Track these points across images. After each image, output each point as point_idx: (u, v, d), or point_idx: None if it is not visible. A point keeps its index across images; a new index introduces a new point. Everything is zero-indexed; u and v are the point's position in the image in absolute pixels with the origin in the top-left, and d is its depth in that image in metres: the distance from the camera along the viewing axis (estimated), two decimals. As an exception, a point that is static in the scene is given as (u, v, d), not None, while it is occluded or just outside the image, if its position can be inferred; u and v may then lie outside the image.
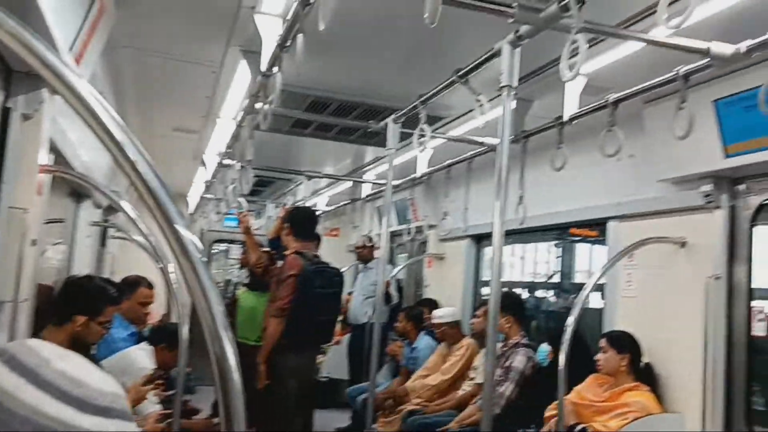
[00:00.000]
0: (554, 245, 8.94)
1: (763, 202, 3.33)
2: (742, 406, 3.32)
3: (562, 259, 8.94)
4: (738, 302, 3.37)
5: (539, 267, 9.77)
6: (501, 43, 2.50)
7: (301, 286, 4.03)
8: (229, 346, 0.94)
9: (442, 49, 3.28)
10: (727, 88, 3.10)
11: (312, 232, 4.46)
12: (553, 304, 7.93)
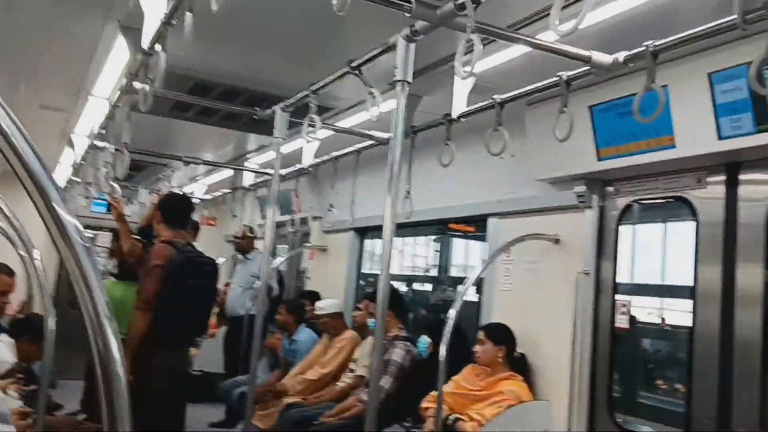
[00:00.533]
0: (433, 240, 9.18)
1: (629, 203, 3.58)
2: (605, 394, 3.56)
3: (440, 254, 9.21)
4: (604, 296, 3.61)
5: (417, 260, 10.00)
6: (396, 38, 2.50)
7: (169, 276, 3.78)
8: (113, 338, 0.88)
9: (335, 40, 3.25)
10: (602, 95, 3.31)
11: (185, 221, 4.22)
12: (431, 297, 8.15)
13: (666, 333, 5.34)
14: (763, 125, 2.73)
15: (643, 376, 4.92)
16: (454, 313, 3.39)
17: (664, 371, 5.44)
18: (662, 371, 5.47)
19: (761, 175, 2.99)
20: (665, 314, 5.43)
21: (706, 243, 3.18)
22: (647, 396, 4.66)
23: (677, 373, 4.98)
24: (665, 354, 5.58)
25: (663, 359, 5.60)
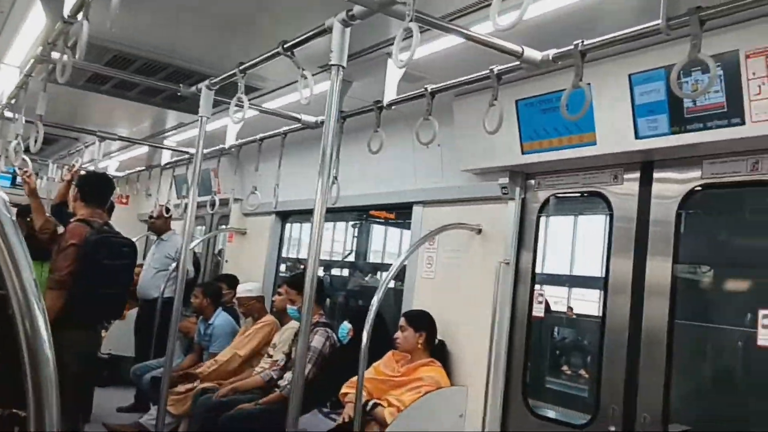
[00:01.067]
0: (352, 225, 9.18)
1: (550, 196, 3.70)
2: (520, 380, 3.68)
3: (359, 240, 9.23)
4: (523, 286, 3.72)
5: (335, 246, 9.97)
6: (332, 21, 2.47)
7: (84, 256, 3.67)
8: (41, 319, 0.83)
9: (268, 19, 3.17)
10: (528, 90, 3.39)
11: (104, 199, 4.08)
12: (349, 283, 8.16)
13: (573, 322, 5.58)
14: (677, 127, 2.88)
15: (551, 362, 5.12)
16: (377, 300, 3.40)
17: (570, 358, 5.70)
18: (568, 358, 5.72)
19: (673, 174, 3.15)
20: (574, 304, 5.67)
21: (620, 237, 3.33)
22: (552, 381, 4.85)
23: (582, 360, 5.22)
24: (571, 342, 5.84)
25: (569, 347, 5.85)
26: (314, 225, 2.37)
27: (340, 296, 7.77)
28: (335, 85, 2.38)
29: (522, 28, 2.69)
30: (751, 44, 2.53)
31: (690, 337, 3.30)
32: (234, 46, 3.48)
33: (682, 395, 3.21)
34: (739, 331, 3.25)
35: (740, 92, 2.61)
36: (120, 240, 3.99)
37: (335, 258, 9.33)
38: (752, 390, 3.21)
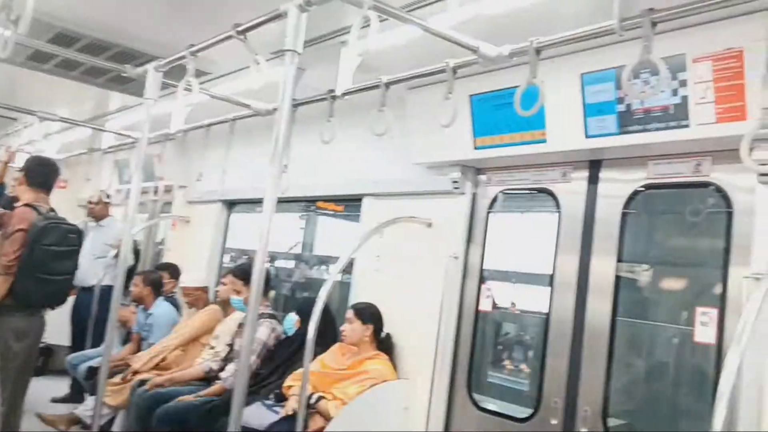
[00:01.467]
0: (299, 217, 9.07)
1: (500, 192, 3.73)
2: (465, 374, 3.71)
3: (306, 231, 9.14)
4: (471, 281, 3.75)
5: (281, 237, 9.83)
6: (288, 5, 2.41)
7: (32, 242, 3.62)
8: None
9: (220, 1, 3.08)
10: (482, 86, 3.40)
11: (49, 184, 3.99)
12: (294, 275, 8.08)
13: (516, 317, 5.66)
14: (625, 127, 2.93)
15: (493, 357, 5.19)
16: (324, 292, 3.36)
17: (512, 353, 5.77)
18: (510, 353, 5.79)
19: (619, 174, 3.22)
20: (518, 300, 5.75)
21: (566, 234, 3.38)
22: (494, 375, 4.91)
23: (523, 355, 5.30)
24: (514, 337, 5.91)
25: (512, 342, 5.93)
26: (264, 214, 2.31)
27: (285, 288, 7.68)
28: (290, 71, 2.32)
29: (478, 23, 2.72)
30: (698, 49, 2.60)
31: (630, 333, 3.38)
32: (185, 27, 3.37)
33: (621, 390, 3.29)
34: (675, 328, 3.35)
35: (686, 95, 2.67)
36: (66, 226, 3.91)
37: (281, 249, 9.22)
38: (686, 385, 3.31)
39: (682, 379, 3.32)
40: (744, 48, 2.48)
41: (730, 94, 2.55)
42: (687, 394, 3.23)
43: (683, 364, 3.26)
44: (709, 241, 3.08)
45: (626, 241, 3.19)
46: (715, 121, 2.60)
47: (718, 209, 2.91)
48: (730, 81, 2.54)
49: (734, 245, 2.76)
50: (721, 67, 2.56)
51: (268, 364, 4.31)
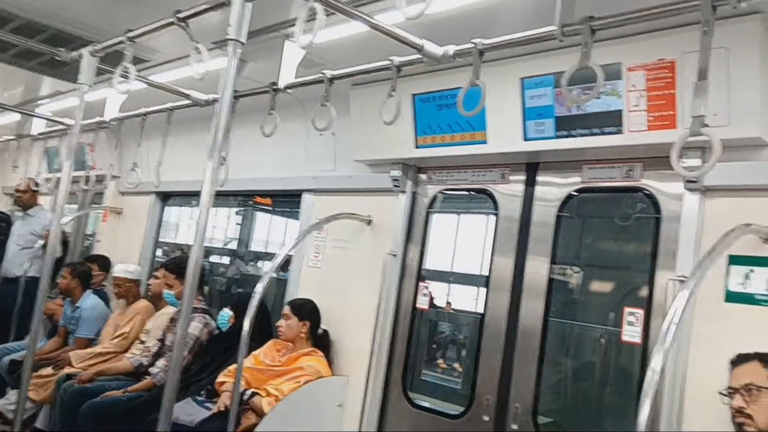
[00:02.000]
0: (236, 212, 8.93)
1: (440, 191, 3.76)
2: (400, 372, 3.72)
3: (242, 226, 9.00)
4: (409, 279, 3.77)
5: (216, 232, 9.66)
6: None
7: None
8: None
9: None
10: (425, 85, 3.42)
11: None
12: (229, 270, 7.94)
13: (451, 317, 5.73)
14: (562, 132, 3.01)
15: (428, 355, 5.24)
16: (261, 288, 3.31)
17: (446, 352, 5.84)
18: (444, 352, 5.86)
19: (555, 178, 3.30)
20: (453, 299, 5.82)
21: (503, 235, 3.44)
22: (428, 373, 4.96)
23: (457, 354, 5.38)
24: (449, 336, 5.99)
25: (446, 341, 6.00)
26: (201, 208, 2.25)
27: (219, 283, 7.54)
28: (232, 62, 2.27)
29: (424, 22, 2.70)
30: (632, 58, 2.69)
31: (561, 333, 3.48)
32: (123, 11, 3.25)
33: (552, 388, 3.37)
34: (603, 328, 3.46)
35: (620, 103, 2.76)
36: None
37: (216, 244, 9.06)
38: (613, 383, 3.42)
39: (609, 378, 3.43)
40: (676, 59, 2.58)
41: (662, 103, 2.65)
42: (614, 392, 3.34)
43: (611, 363, 3.36)
44: (638, 245, 3.18)
45: (560, 244, 3.27)
46: (646, 129, 2.70)
47: (647, 214, 3.01)
48: (662, 90, 2.64)
49: (661, 249, 2.87)
50: (654, 76, 2.66)
51: (200, 359, 4.23)
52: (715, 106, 2.45)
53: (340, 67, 3.17)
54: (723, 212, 2.59)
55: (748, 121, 2.44)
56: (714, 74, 2.37)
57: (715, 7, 1.88)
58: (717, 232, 2.31)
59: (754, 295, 2.47)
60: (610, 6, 2.17)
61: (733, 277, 2.54)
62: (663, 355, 1.88)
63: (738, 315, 2.49)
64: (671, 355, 2.58)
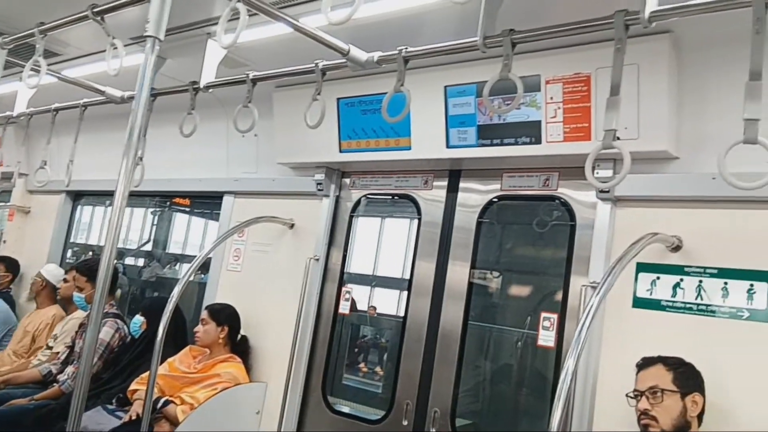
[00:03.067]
0: (152, 212, 8.64)
1: (364, 196, 3.77)
2: (320, 377, 3.70)
3: (158, 228, 8.71)
4: (331, 283, 3.75)
5: (131, 233, 9.32)
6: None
7: None
8: None
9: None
10: (350, 90, 3.42)
11: None
12: (146, 273, 7.68)
13: (374, 321, 5.75)
14: (483, 140, 3.07)
15: (350, 360, 5.23)
16: (177, 292, 3.21)
17: (368, 356, 5.85)
18: (366, 356, 5.87)
19: (476, 185, 3.36)
20: (377, 303, 5.84)
21: (425, 240, 3.48)
22: (349, 378, 4.95)
23: (378, 358, 5.39)
24: (371, 340, 6.00)
25: (369, 345, 6.01)
26: (115, 208, 2.17)
27: (134, 287, 7.28)
28: (149, 58, 2.19)
29: (350, 27, 2.70)
30: (551, 71, 2.77)
31: (480, 337, 3.54)
32: (36, 2, 3.09)
33: (470, 391, 3.43)
34: (520, 332, 3.55)
35: (539, 114, 2.84)
36: None
37: (131, 246, 8.75)
38: (529, 386, 3.51)
39: (526, 380, 3.51)
40: (591, 73, 2.68)
41: (578, 116, 2.75)
42: (529, 395, 3.42)
43: (527, 366, 3.45)
44: (555, 251, 3.28)
45: (480, 249, 3.33)
46: (563, 140, 2.79)
47: (563, 222, 3.11)
48: (578, 103, 2.74)
49: (575, 256, 2.97)
50: (570, 89, 2.75)
51: (112, 367, 4.07)
52: (627, 120, 2.58)
53: (264, 68, 3.12)
54: (632, 221, 2.71)
55: (657, 135, 2.56)
56: (626, 89, 2.49)
57: (627, 26, 1.96)
58: (627, 240, 2.40)
59: (659, 301, 2.60)
60: (532, 20, 2.23)
61: (640, 284, 2.65)
62: (574, 359, 1.94)
63: (644, 320, 2.61)
64: (583, 359, 2.68)
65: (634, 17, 1.92)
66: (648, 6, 1.89)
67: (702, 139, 2.56)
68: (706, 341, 2.44)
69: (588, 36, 2.35)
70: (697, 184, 2.53)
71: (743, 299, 2.41)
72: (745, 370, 2.34)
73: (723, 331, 2.42)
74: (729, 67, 2.43)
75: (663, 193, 2.65)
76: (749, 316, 2.38)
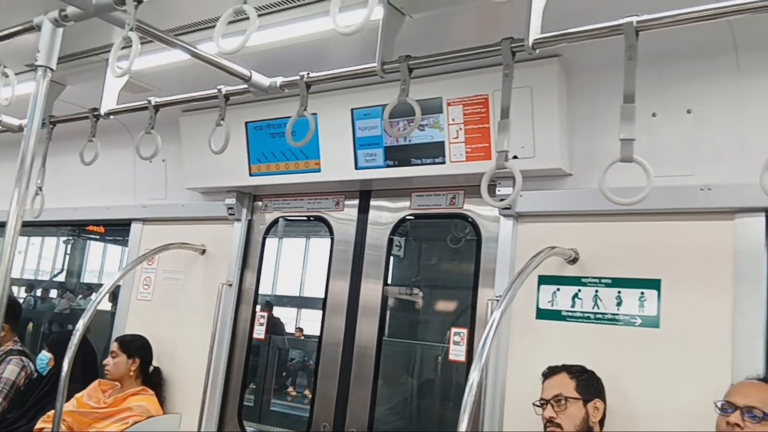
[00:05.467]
0: (64, 241, 8.32)
1: (276, 218, 3.76)
2: (236, 404, 3.64)
3: (71, 257, 8.39)
4: (246, 307, 3.71)
5: (43, 263, 8.94)
6: (41, 18, 2.24)
7: None
8: None
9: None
10: (258, 113, 3.42)
11: None
12: (60, 305, 7.37)
13: (301, 343, 5.72)
14: (390, 161, 3.13)
15: (277, 384, 5.17)
16: (82, 325, 3.10)
17: (296, 379, 5.81)
18: (294, 379, 5.83)
19: (386, 203, 3.42)
20: (304, 325, 5.81)
21: (339, 259, 3.50)
22: (278, 403, 4.90)
23: (307, 380, 5.36)
24: (299, 363, 5.97)
25: (297, 368, 5.97)
26: (7, 240, 2.09)
27: (45, 320, 6.96)
28: (41, 88, 2.14)
29: (254, 53, 2.74)
30: (452, 93, 2.87)
31: (394, 353, 3.59)
32: None
33: (387, 407, 3.46)
34: (432, 346, 3.63)
35: (442, 135, 2.93)
36: None
37: (43, 277, 8.39)
38: (442, 400, 3.58)
39: (438, 395, 3.58)
40: (489, 95, 2.79)
41: (478, 136, 2.85)
42: (443, 408, 3.49)
43: (439, 380, 3.52)
44: (467, 267, 3.38)
45: (394, 266, 3.39)
46: (465, 160, 2.89)
47: (471, 238, 3.21)
48: (478, 124, 2.84)
49: (482, 270, 3.06)
50: (470, 111, 2.85)
51: (18, 406, 3.88)
52: (523, 140, 2.70)
53: (169, 93, 3.08)
54: (533, 236, 2.82)
55: (551, 153, 2.69)
56: (521, 111, 2.63)
57: (514, 53, 2.06)
58: (529, 254, 2.50)
59: (560, 312, 2.71)
60: (432, 44, 2.30)
61: (542, 296, 2.76)
62: (479, 371, 2.00)
63: (548, 330, 2.72)
64: (491, 371, 2.76)
65: (520, 44, 2.02)
66: (531, 33, 1.99)
67: (592, 156, 2.70)
68: (604, 348, 2.56)
69: (486, 60, 2.45)
70: (589, 199, 2.66)
71: (635, 307, 2.55)
72: (640, 374, 2.47)
73: (619, 338, 2.55)
74: (614, 89, 2.56)
75: (559, 208, 2.78)
76: (641, 323, 2.52)
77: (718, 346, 2.33)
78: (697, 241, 2.46)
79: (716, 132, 2.44)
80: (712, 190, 2.40)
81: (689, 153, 2.49)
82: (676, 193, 2.46)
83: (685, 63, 2.47)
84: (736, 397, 2.07)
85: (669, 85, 2.52)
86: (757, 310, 2.29)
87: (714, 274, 2.39)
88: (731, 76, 2.39)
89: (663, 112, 2.54)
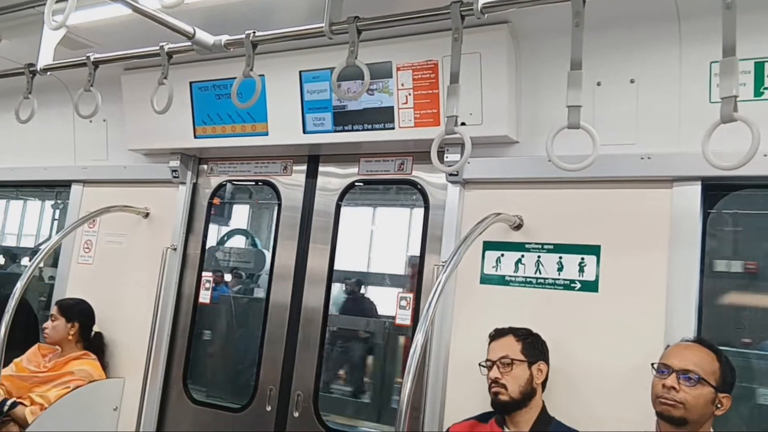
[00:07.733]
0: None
1: (222, 182, 3.69)
2: (181, 368, 3.61)
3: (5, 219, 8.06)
4: (191, 271, 3.66)
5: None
6: (-28, -35, 2.11)
7: None
8: None
9: None
10: (204, 73, 3.33)
11: None
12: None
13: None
14: (339, 126, 3.10)
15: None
16: (20, 287, 3.01)
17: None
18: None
19: (335, 169, 3.40)
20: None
21: (286, 225, 3.48)
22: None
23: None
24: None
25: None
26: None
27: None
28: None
29: (197, 8, 2.65)
30: (401, 58, 2.85)
31: (342, 320, 3.60)
32: None
33: (332, 373, 3.49)
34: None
35: (392, 100, 2.92)
36: None
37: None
38: (391, 364, 3.62)
39: (387, 359, 3.61)
40: (439, 61, 2.78)
41: (427, 102, 2.84)
42: (391, 372, 3.53)
43: (387, 345, 3.55)
44: (412, 233, 3.39)
45: (342, 232, 3.38)
46: (413, 125, 2.89)
47: (419, 204, 3.22)
48: (427, 90, 2.84)
49: (429, 236, 3.08)
50: (420, 76, 2.84)
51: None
52: (471, 106, 2.71)
53: (111, 50, 2.97)
54: (480, 202, 2.85)
55: (498, 120, 2.71)
56: (470, 77, 2.63)
57: (463, 17, 2.05)
58: (475, 220, 2.53)
59: (504, 277, 2.76)
60: (382, 6, 2.27)
61: (487, 261, 2.81)
62: (423, 334, 2.03)
63: (491, 295, 2.77)
64: (436, 334, 2.80)
65: (468, 8, 2.01)
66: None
67: (539, 123, 2.73)
68: (545, 312, 2.63)
69: (436, 24, 2.43)
70: (534, 166, 2.70)
71: (575, 272, 2.62)
72: (580, 336, 2.55)
73: (559, 302, 2.62)
74: (562, 56, 2.59)
75: (505, 175, 2.81)
76: (581, 287, 2.59)
77: (653, 309, 2.41)
78: (636, 209, 2.52)
79: (657, 101, 2.49)
80: (652, 158, 2.46)
81: (631, 122, 2.54)
82: (618, 162, 2.51)
83: (629, 31, 2.51)
84: (672, 359, 2.12)
85: (614, 54, 2.55)
86: (691, 275, 2.38)
87: (651, 240, 2.47)
88: (673, 45, 2.43)
89: (607, 82, 2.58)
